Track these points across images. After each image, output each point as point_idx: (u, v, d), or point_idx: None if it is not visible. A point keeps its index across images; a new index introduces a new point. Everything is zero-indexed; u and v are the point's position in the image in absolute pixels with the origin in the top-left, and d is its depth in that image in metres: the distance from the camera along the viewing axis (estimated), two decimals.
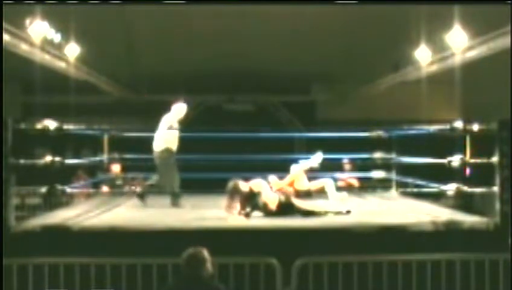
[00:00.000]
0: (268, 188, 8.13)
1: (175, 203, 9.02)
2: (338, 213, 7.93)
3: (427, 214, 7.76)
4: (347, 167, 11.89)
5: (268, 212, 7.82)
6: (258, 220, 7.60)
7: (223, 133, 9.78)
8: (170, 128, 9.13)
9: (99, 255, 6.20)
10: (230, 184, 7.78)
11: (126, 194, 10.86)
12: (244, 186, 7.80)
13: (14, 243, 6.45)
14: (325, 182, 9.95)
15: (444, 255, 6.28)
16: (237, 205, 7.66)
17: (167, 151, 9.12)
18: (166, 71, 16.15)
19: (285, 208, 7.85)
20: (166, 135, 9.14)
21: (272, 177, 9.63)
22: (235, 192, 7.71)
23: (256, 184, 7.96)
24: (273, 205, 7.82)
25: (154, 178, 9.39)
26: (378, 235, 6.76)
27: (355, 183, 11.47)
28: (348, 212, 7.99)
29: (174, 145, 9.17)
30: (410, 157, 9.94)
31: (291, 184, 9.85)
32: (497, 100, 13.46)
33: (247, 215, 7.67)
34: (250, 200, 7.81)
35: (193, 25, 13.89)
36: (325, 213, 7.87)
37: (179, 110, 9.28)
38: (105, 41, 14.01)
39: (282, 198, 7.95)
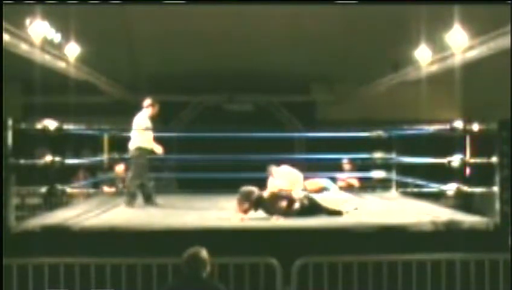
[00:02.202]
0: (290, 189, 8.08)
1: (149, 202, 8.96)
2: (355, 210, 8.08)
3: (427, 214, 7.76)
4: (347, 167, 11.87)
5: (294, 213, 7.73)
6: (257, 220, 7.60)
7: (222, 133, 9.75)
8: (143, 127, 9.04)
9: (99, 255, 6.20)
10: (244, 190, 7.74)
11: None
12: (257, 190, 7.78)
13: (14, 243, 6.45)
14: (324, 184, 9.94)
15: (444, 255, 6.28)
16: (246, 208, 7.64)
17: (139, 150, 9.03)
18: (166, 71, 16.14)
19: (312, 209, 7.83)
20: (139, 134, 9.05)
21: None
22: (247, 197, 7.68)
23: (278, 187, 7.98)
24: (298, 206, 7.80)
25: (127, 179, 9.32)
26: (378, 235, 6.77)
27: (355, 183, 11.46)
28: (356, 209, 8.15)
29: (148, 144, 9.05)
30: (410, 157, 9.93)
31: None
32: (497, 100, 13.45)
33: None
34: (269, 202, 7.79)
35: (193, 25, 13.89)
36: (347, 212, 7.94)
37: (149, 107, 9.21)
38: (105, 41, 14.00)
39: (306, 201, 7.90)
